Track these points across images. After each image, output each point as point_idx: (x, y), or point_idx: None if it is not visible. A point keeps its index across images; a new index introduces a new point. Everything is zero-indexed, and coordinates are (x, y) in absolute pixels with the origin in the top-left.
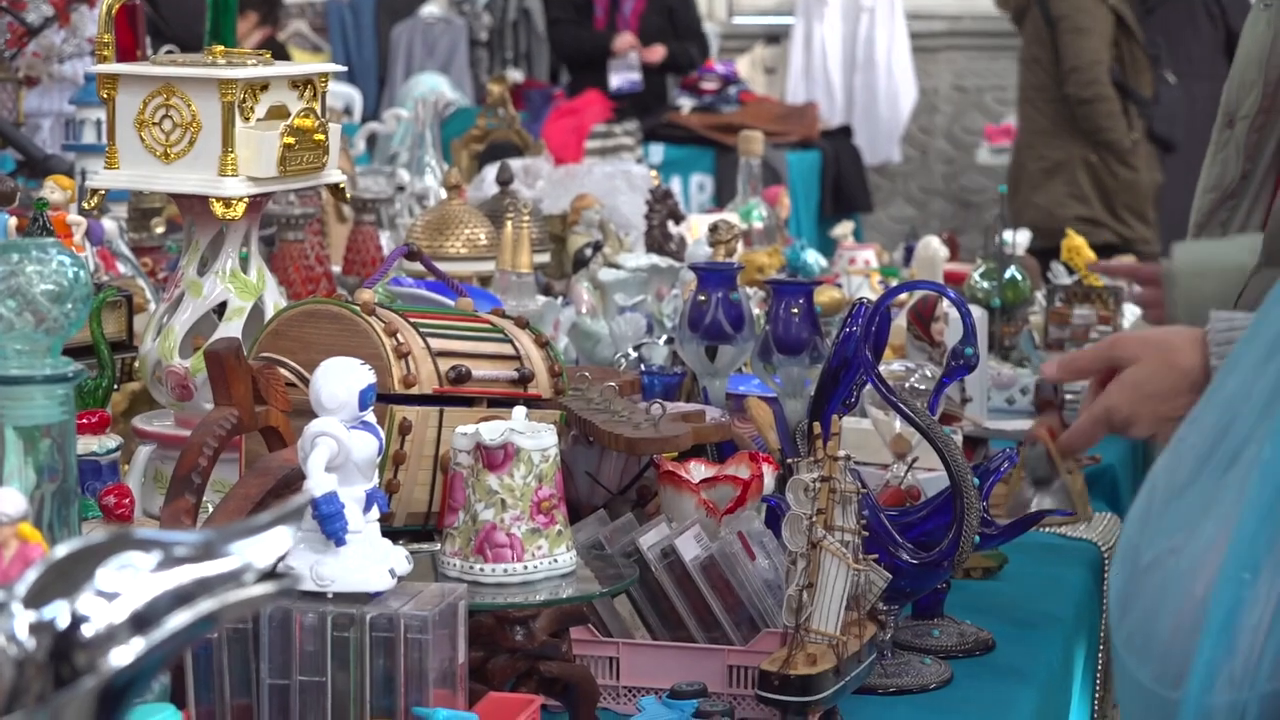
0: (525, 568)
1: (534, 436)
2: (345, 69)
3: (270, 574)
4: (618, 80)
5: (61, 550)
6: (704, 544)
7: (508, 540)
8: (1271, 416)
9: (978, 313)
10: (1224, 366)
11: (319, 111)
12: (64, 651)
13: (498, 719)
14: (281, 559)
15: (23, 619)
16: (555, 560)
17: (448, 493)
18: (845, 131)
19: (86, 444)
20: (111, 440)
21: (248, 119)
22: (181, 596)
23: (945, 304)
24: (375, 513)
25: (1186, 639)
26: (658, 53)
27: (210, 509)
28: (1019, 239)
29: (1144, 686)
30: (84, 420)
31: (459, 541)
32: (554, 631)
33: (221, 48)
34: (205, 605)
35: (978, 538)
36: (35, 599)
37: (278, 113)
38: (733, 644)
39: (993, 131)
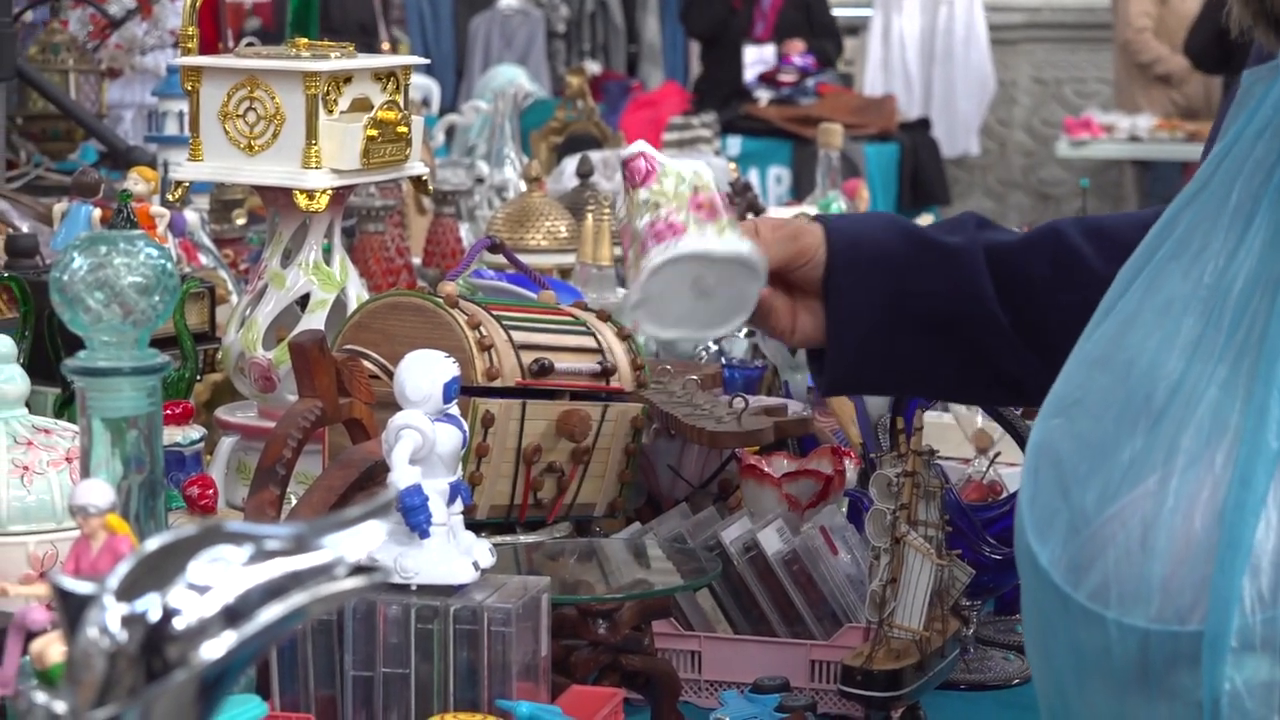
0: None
1: (678, 161)
2: (428, 61)
3: (360, 568)
4: (753, 75)
5: (153, 543)
6: (786, 538)
7: (669, 228)
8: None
9: None
10: (1104, 332)
11: (402, 104)
12: (156, 644)
13: (581, 712)
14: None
15: (115, 611)
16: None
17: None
18: (923, 124)
19: (170, 435)
20: (195, 431)
21: (331, 111)
22: (273, 590)
23: None
24: (459, 505)
25: (1191, 572)
26: (797, 47)
27: (294, 500)
28: None
29: (1137, 630)
30: (167, 411)
31: None
32: (636, 624)
33: (305, 40)
34: (296, 599)
35: None
36: (127, 592)
37: (361, 105)
38: (815, 638)
39: (1072, 124)
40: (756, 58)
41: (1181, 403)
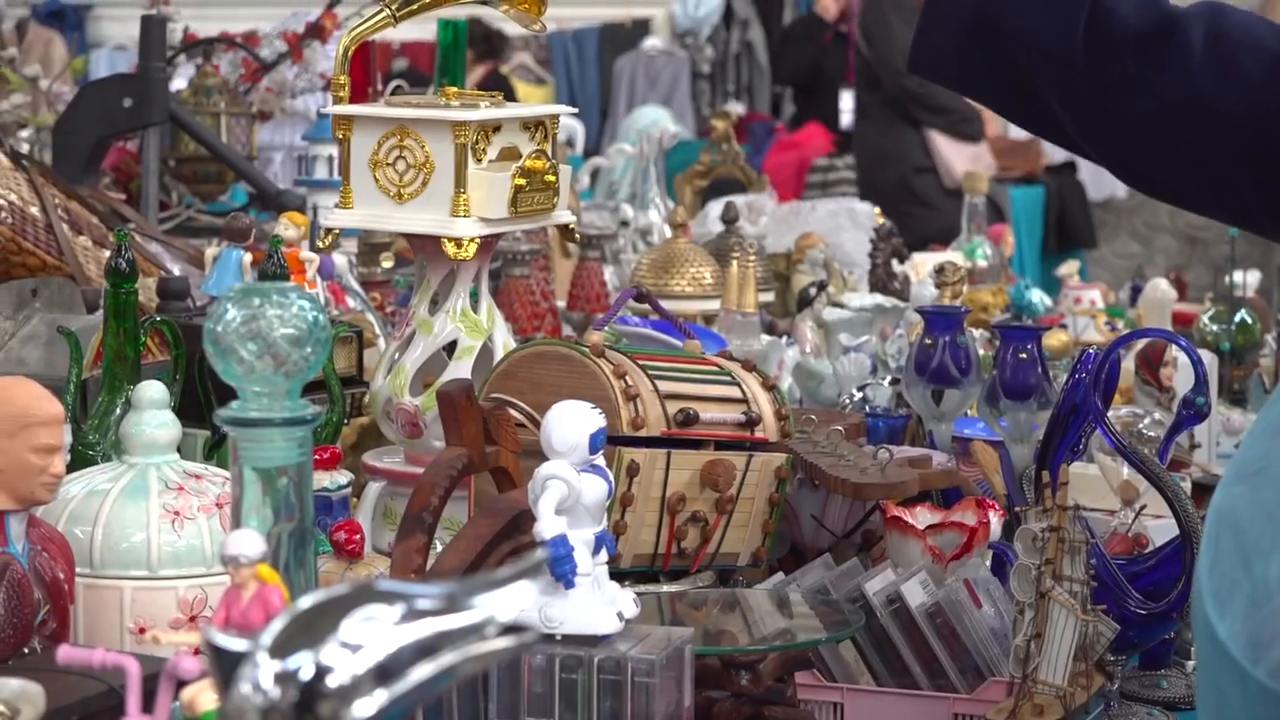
0: None
1: None
2: (575, 110)
3: (510, 627)
4: (849, 118)
5: (306, 601)
6: (930, 591)
7: None
8: None
9: (1207, 357)
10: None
11: (549, 153)
12: (308, 702)
13: None
14: None
15: (268, 669)
16: None
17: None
18: (1069, 166)
19: (318, 480)
20: (343, 476)
21: (480, 160)
22: (424, 649)
23: (1174, 349)
24: (604, 555)
25: None
26: None
27: (440, 547)
28: (1248, 279)
29: None
30: (316, 456)
31: None
32: (779, 676)
33: (455, 89)
34: (447, 658)
35: None
36: (280, 649)
37: (509, 154)
38: (958, 691)
39: None
40: (851, 103)
41: None
